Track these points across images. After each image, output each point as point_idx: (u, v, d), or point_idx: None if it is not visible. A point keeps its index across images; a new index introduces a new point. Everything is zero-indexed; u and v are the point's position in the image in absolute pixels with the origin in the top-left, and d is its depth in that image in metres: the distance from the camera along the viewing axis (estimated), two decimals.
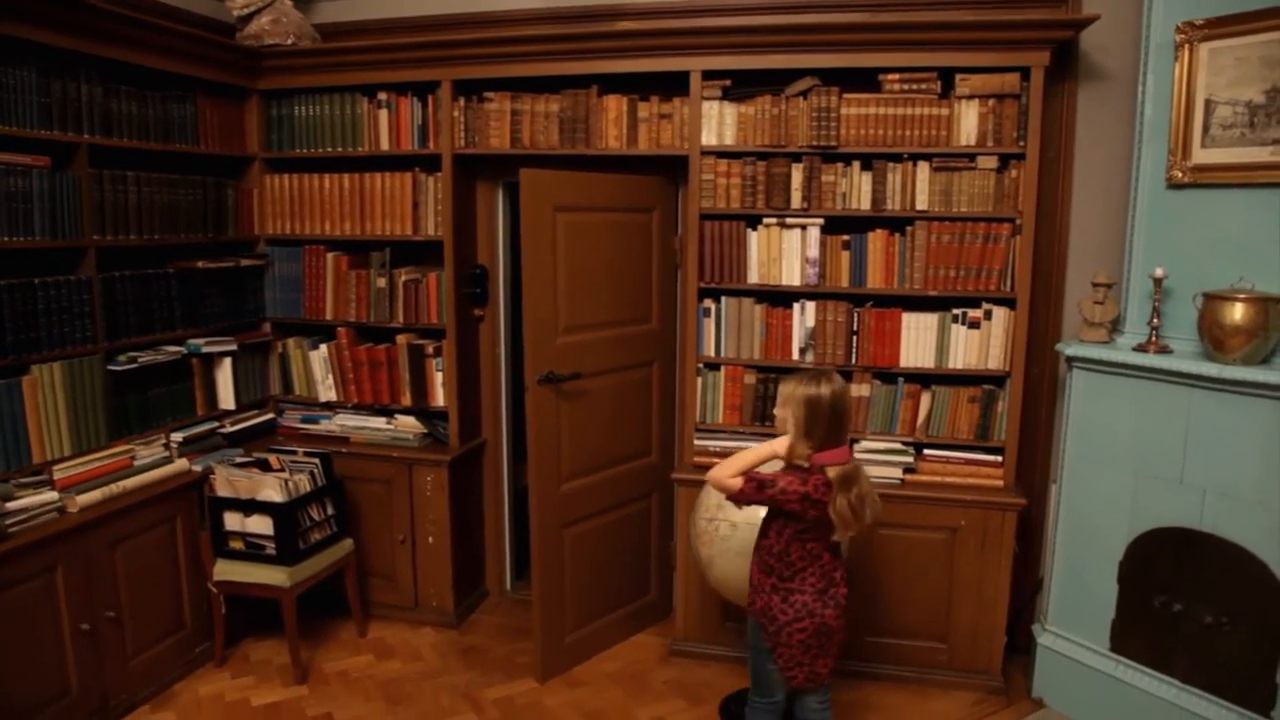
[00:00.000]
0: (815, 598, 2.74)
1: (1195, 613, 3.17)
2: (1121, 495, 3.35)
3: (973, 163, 3.53)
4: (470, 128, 3.93)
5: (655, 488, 4.14)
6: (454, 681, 3.80)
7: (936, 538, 3.64)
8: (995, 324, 3.59)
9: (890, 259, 3.66)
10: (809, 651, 2.76)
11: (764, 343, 3.80)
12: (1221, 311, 3.01)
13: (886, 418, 3.74)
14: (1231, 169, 3.12)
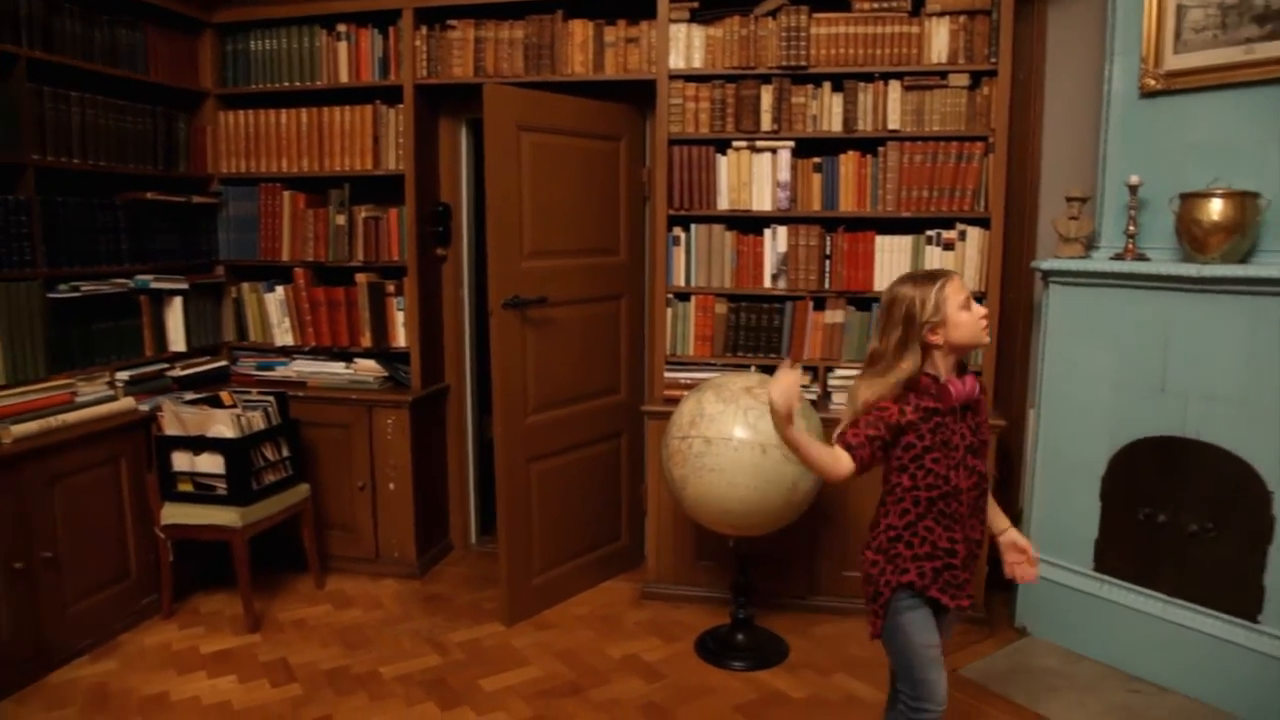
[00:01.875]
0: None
1: (1180, 523, 3.10)
2: (1102, 410, 3.28)
3: (944, 81, 3.48)
4: (433, 57, 3.83)
5: (625, 428, 4.02)
6: (416, 627, 3.63)
7: None
8: (970, 245, 3.53)
9: (862, 181, 3.59)
10: None
11: (735, 270, 3.72)
12: (1199, 210, 2.97)
13: (861, 343, 3.64)
14: (1205, 71, 3.09)
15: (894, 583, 2.16)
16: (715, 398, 3.12)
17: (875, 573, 2.21)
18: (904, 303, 2.08)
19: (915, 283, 2.11)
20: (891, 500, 2.18)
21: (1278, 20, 2.92)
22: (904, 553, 2.16)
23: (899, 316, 2.09)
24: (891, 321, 2.10)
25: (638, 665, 3.34)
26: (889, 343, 2.10)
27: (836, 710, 3.04)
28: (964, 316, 2.08)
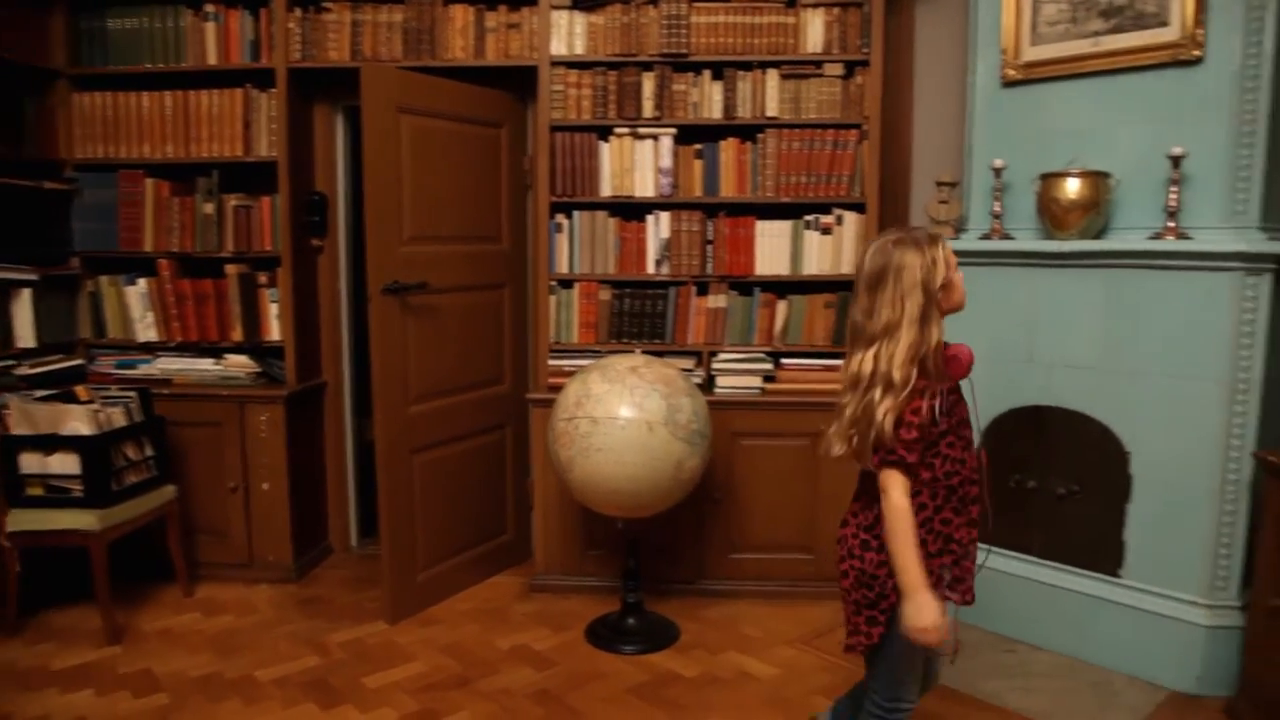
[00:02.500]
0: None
1: (1049, 486, 3.25)
2: (976, 383, 3.36)
3: (820, 70, 3.59)
4: (307, 40, 3.71)
5: (509, 420, 3.96)
6: (294, 630, 3.46)
7: (799, 444, 3.60)
8: (847, 229, 3.63)
9: (742, 167, 3.66)
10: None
11: (618, 256, 3.72)
12: (1058, 190, 3.13)
13: (744, 328, 3.71)
14: (1059, 62, 3.27)
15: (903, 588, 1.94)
16: (601, 378, 3.10)
17: (883, 574, 1.97)
18: (914, 269, 1.88)
19: (916, 245, 1.91)
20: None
21: (1120, 15, 3.13)
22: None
23: (911, 283, 1.88)
24: (901, 290, 1.88)
25: (527, 655, 3.26)
26: (902, 313, 1.88)
27: (729, 686, 3.04)
28: (957, 278, 1.96)
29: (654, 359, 3.24)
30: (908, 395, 1.87)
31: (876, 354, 1.91)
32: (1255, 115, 2.88)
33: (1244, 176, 2.91)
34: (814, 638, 3.37)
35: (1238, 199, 2.92)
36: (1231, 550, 2.91)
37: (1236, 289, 2.81)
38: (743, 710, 2.89)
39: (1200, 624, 2.93)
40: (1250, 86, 2.88)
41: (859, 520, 2.07)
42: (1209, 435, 2.90)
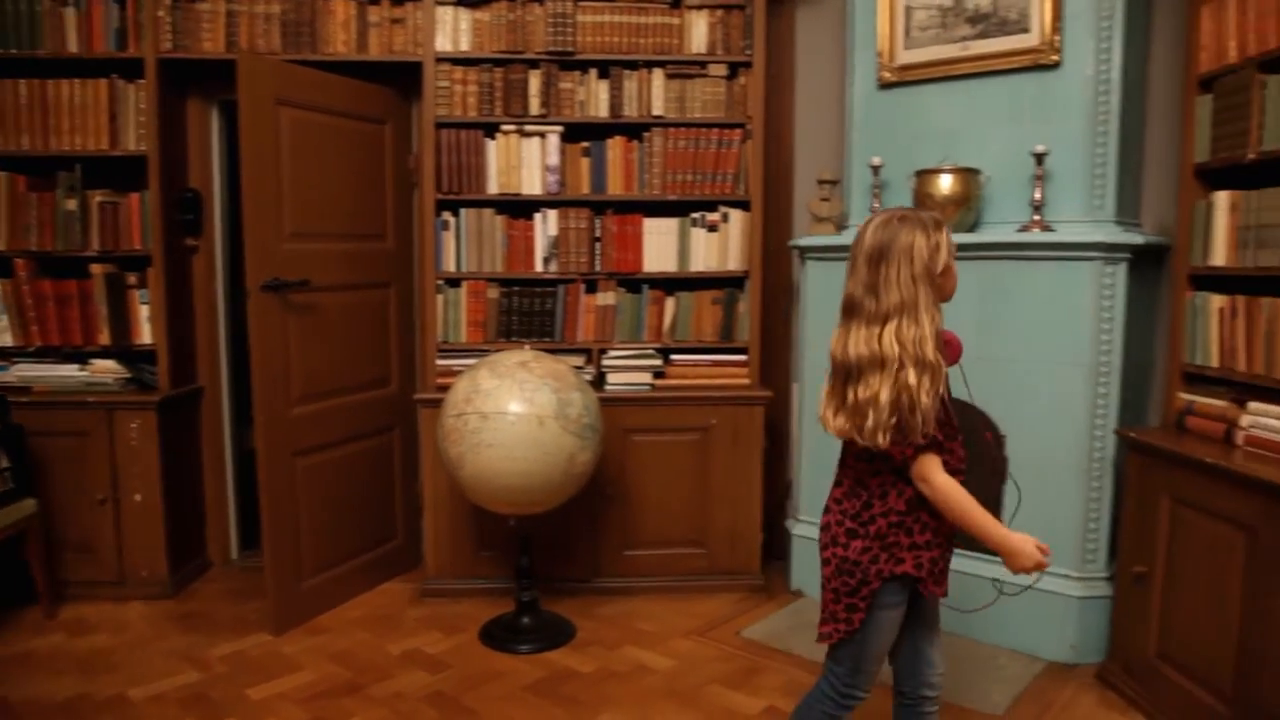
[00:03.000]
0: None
1: None
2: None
3: (704, 70, 3.65)
4: (179, 29, 3.56)
5: (397, 422, 3.87)
6: (171, 646, 3.28)
7: (690, 439, 3.64)
8: (733, 226, 3.70)
9: (630, 165, 3.69)
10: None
11: (506, 254, 3.69)
12: (932, 185, 3.26)
13: (633, 325, 3.73)
14: (931, 65, 3.41)
15: (886, 573, 1.95)
16: (490, 374, 3.07)
17: (866, 560, 1.96)
18: (923, 251, 1.86)
19: (923, 227, 1.89)
20: (890, 482, 1.95)
21: (986, 22, 3.29)
22: (903, 541, 1.95)
23: (921, 267, 1.86)
24: (913, 270, 1.86)
25: (420, 659, 3.19)
26: (917, 294, 1.85)
27: (626, 679, 3.03)
28: (954, 265, 1.95)
29: (544, 354, 3.22)
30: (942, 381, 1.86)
31: (899, 334, 1.86)
32: (1108, 116, 3.07)
33: (1100, 174, 3.10)
34: (709, 629, 3.40)
35: (1095, 194, 3.10)
36: (1099, 524, 3.07)
37: (1096, 277, 2.98)
38: (640, 702, 2.89)
39: (1073, 595, 3.08)
40: (1103, 90, 3.07)
41: (843, 508, 2.02)
42: (1075, 416, 3.06)
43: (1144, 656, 2.80)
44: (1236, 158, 2.66)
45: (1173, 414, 2.88)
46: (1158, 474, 2.74)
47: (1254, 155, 2.60)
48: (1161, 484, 2.72)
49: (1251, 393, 2.61)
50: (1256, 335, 2.58)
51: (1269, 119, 2.56)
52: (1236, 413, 2.63)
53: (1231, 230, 2.70)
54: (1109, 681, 2.94)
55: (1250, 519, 2.38)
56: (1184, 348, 2.87)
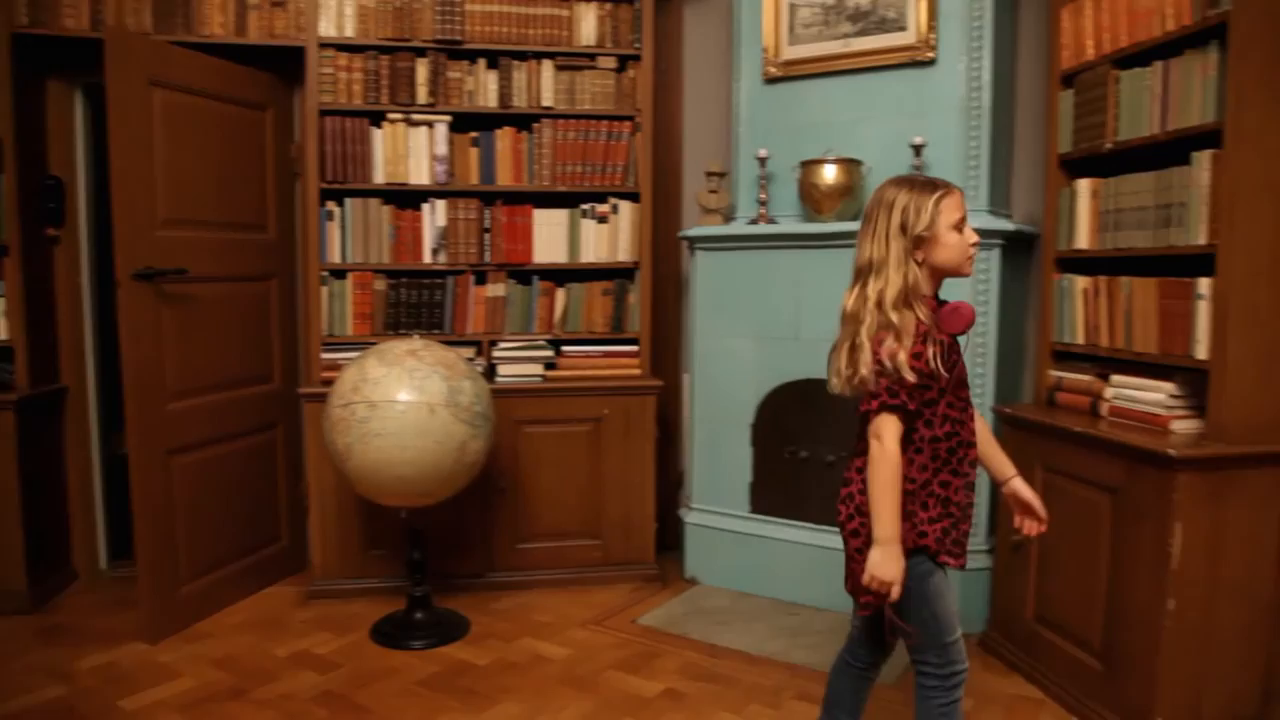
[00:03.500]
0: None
1: (819, 455, 3.45)
2: (748, 362, 3.58)
3: (594, 63, 3.67)
4: (37, 4, 3.36)
5: (280, 419, 3.74)
6: (31, 661, 3.06)
7: (582, 430, 3.64)
8: (622, 217, 3.72)
9: (519, 156, 3.67)
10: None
11: (394, 245, 3.62)
12: (816, 176, 3.36)
13: (524, 316, 3.70)
14: (814, 61, 3.52)
15: (910, 546, 1.89)
16: (378, 362, 3.00)
17: (900, 528, 1.90)
18: (900, 210, 1.86)
19: (912, 189, 1.88)
20: (905, 453, 1.88)
21: (866, 20, 3.41)
22: (920, 514, 1.91)
23: (896, 225, 1.85)
24: (887, 228, 1.86)
25: (309, 660, 3.07)
26: (887, 251, 1.86)
27: (523, 669, 2.99)
28: (953, 237, 1.88)
29: (434, 343, 3.17)
30: (911, 339, 1.81)
31: (864, 290, 1.88)
32: (980, 111, 3.23)
33: (974, 165, 3.25)
34: (605, 618, 3.39)
35: (970, 185, 3.25)
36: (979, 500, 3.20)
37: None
38: (538, 691, 2.85)
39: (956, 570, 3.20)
40: (975, 86, 3.23)
41: (864, 475, 1.94)
42: None
43: (1023, 621, 2.93)
44: (1096, 148, 2.84)
45: (1044, 390, 3.04)
46: (1031, 446, 2.88)
47: (1111, 145, 2.77)
48: (1035, 455, 2.86)
49: (1114, 366, 2.77)
50: (1117, 313, 2.75)
51: (1123, 111, 2.74)
52: (1100, 386, 2.79)
53: (1093, 215, 2.87)
54: (991, 648, 3.07)
55: (1115, 481, 2.53)
56: (1053, 327, 3.03)
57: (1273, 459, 2.38)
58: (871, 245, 1.89)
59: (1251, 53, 2.34)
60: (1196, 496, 2.33)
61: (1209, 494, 2.35)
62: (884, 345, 1.83)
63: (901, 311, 1.83)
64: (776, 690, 2.84)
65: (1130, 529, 2.47)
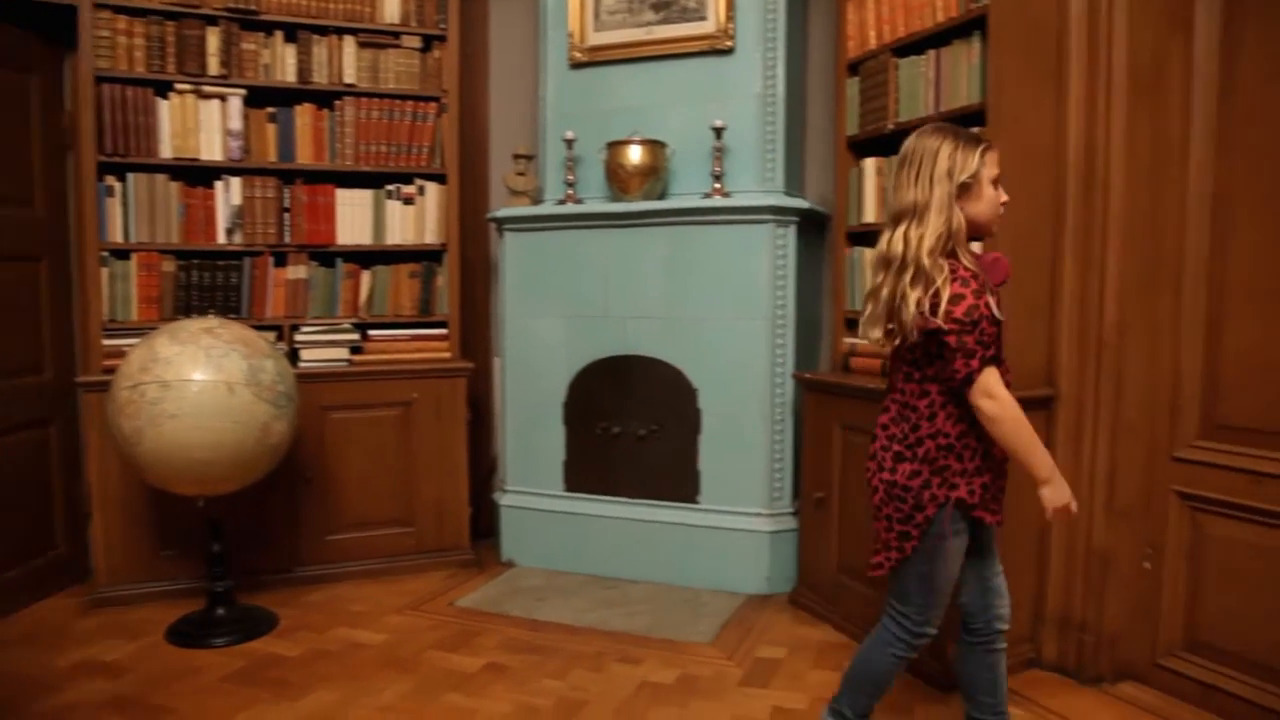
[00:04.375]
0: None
1: (631, 430, 3.52)
2: (559, 342, 3.61)
3: (398, 41, 3.60)
4: None
5: (53, 415, 3.41)
6: None
7: (391, 414, 3.55)
8: (429, 199, 3.67)
9: (320, 134, 3.54)
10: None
11: (184, 224, 3.40)
12: (623, 157, 3.45)
13: (328, 299, 3.58)
14: (619, 47, 3.62)
15: (940, 498, 1.89)
16: (170, 340, 2.81)
17: (917, 485, 1.90)
18: (946, 155, 1.84)
19: (957, 137, 1.87)
20: (940, 404, 1.89)
21: (668, 9, 3.55)
22: (954, 466, 1.89)
23: (942, 171, 1.84)
24: (931, 173, 1.84)
25: (96, 667, 2.81)
26: (930, 195, 1.83)
27: (339, 657, 2.88)
28: (990, 191, 1.90)
29: (231, 321, 3.00)
30: (946, 285, 1.79)
31: (906, 234, 1.85)
32: (775, 98, 3.43)
33: (770, 149, 3.44)
34: (422, 604, 3.32)
35: (767, 168, 3.44)
36: (783, 463, 3.38)
37: (770, 238, 3.29)
38: (356, 675, 2.75)
39: (764, 531, 3.35)
40: (770, 74, 3.42)
41: (890, 433, 1.96)
42: (758, 366, 3.34)
43: (828, 574, 3.11)
44: (879, 129, 3.07)
45: (839, 357, 3.24)
46: (829, 408, 3.07)
47: (893, 126, 3.01)
48: (833, 416, 3.05)
49: None
50: None
51: (902, 95, 2.99)
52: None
53: (878, 191, 3.10)
54: (800, 603, 3.24)
55: None
56: (846, 298, 3.24)
57: (1035, 401, 2.65)
58: (915, 189, 1.86)
59: (1007, 42, 2.62)
60: None
61: None
62: (914, 292, 1.81)
63: (936, 260, 1.81)
64: (598, 655, 2.88)
65: None
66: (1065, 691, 2.61)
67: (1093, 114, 2.60)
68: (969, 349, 1.79)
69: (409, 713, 2.52)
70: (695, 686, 2.66)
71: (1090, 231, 2.62)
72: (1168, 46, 2.49)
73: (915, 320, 1.81)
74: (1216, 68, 2.40)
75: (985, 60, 2.66)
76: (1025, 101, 2.64)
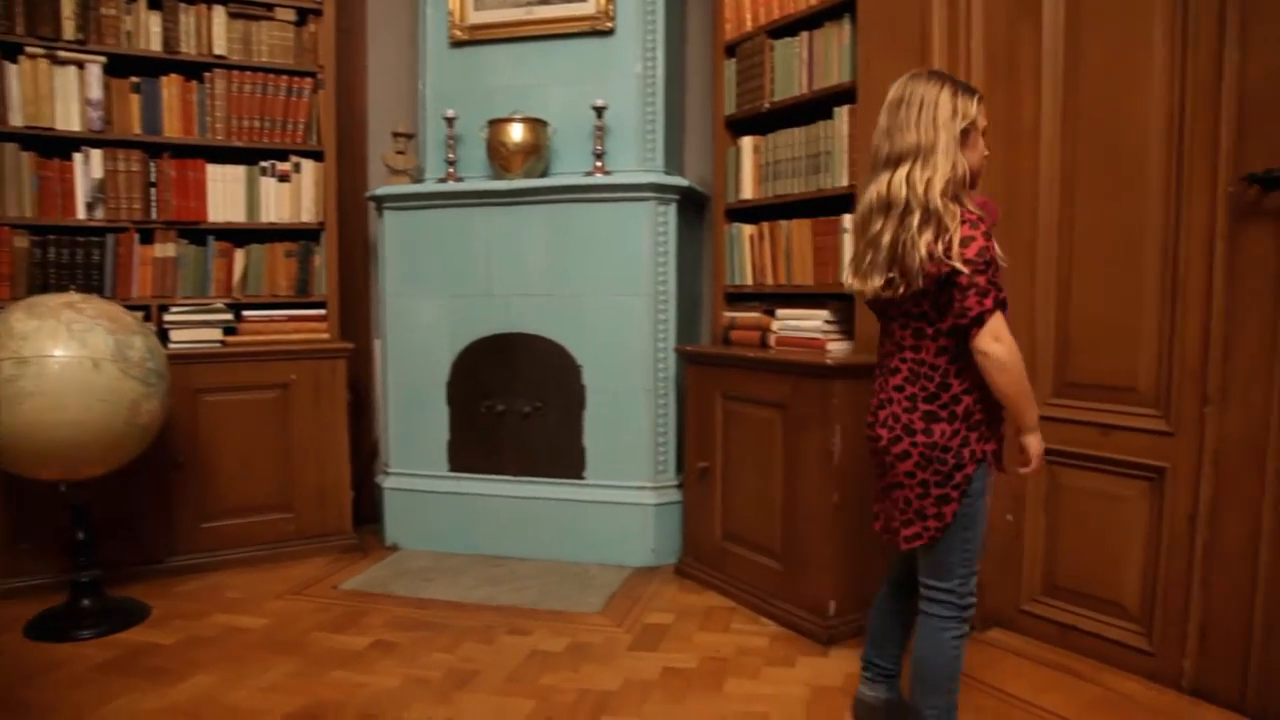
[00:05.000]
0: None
1: (516, 408, 3.53)
2: (441, 321, 3.59)
3: (271, 13, 3.51)
4: None
5: None
6: None
7: (269, 397, 3.45)
8: (305, 177, 3.58)
9: (189, 107, 3.41)
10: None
11: (38, 197, 3.21)
12: (504, 134, 3.45)
13: (199, 279, 3.45)
14: (499, 26, 3.62)
15: (979, 454, 1.85)
16: (27, 314, 2.65)
17: (956, 444, 1.84)
18: (947, 100, 1.81)
19: (954, 86, 1.84)
20: (963, 361, 1.83)
21: None
22: (988, 419, 1.87)
23: (945, 114, 1.80)
24: (934, 116, 1.80)
25: None
26: (935, 138, 1.79)
27: (218, 642, 2.77)
28: (981, 142, 1.88)
29: (94, 296, 2.87)
30: (957, 228, 1.75)
31: (909, 177, 1.79)
32: (655, 78, 3.49)
33: (650, 129, 3.51)
34: (305, 588, 3.23)
35: (647, 147, 3.50)
36: (666, 437, 3.44)
37: (651, 215, 3.35)
38: (237, 658, 2.65)
39: (650, 504, 3.41)
40: (650, 55, 3.48)
41: (908, 394, 1.89)
42: (640, 342, 3.40)
43: (713, 542, 3.19)
44: (756, 109, 3.18)
45: (720, 330, 3.33)
46: (712, 380, 3.16)
47: (769, 105, 3.12)
48: (715, 386, 3.13)
49: (779, 302, 3.11)
50: (779, 253, 3.10)
51: (778, 75, 3.10)
52: (768, 321, 3.12)
53: (755, 168, 3.21)
54: (686, 572, 3.31)
55: (783, 397, 2.84)
56: (725, 272, 3.34)
57: None
58: (916, 131, 1.80)
59: (874, 24, 2.76)
60: (850, 401, 2.68)
61: (859, 398, 2.70)
62: (924, 235, 1.76)
63: (947, 204, 1.77)
64: (488, 629, 2.87)
65: (798, 436, 2.79)
66: None
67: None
68: (982, 288, 1.75)
69: (295, 691, 2.45)
70: (586, 652, 2.69)
71: None
72: (1019, 31, 2.67)
73: (926, 265, 1.76)
74: (1062, 54, 2.59)
75: (855, 41, 2.79)
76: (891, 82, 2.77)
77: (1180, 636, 2.33)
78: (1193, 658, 2.31)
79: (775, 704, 2.37)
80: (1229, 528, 2.23)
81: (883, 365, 1.97)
